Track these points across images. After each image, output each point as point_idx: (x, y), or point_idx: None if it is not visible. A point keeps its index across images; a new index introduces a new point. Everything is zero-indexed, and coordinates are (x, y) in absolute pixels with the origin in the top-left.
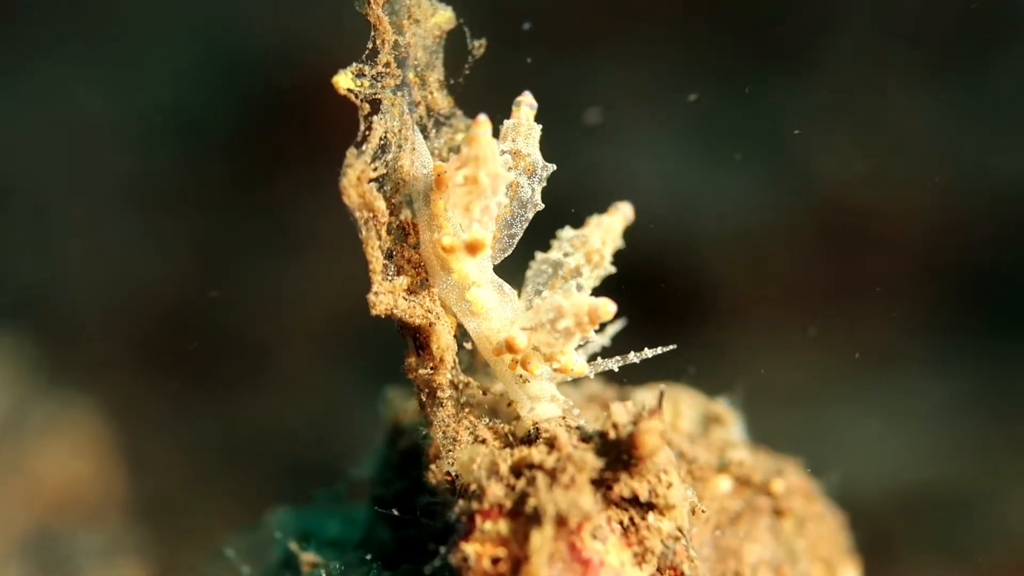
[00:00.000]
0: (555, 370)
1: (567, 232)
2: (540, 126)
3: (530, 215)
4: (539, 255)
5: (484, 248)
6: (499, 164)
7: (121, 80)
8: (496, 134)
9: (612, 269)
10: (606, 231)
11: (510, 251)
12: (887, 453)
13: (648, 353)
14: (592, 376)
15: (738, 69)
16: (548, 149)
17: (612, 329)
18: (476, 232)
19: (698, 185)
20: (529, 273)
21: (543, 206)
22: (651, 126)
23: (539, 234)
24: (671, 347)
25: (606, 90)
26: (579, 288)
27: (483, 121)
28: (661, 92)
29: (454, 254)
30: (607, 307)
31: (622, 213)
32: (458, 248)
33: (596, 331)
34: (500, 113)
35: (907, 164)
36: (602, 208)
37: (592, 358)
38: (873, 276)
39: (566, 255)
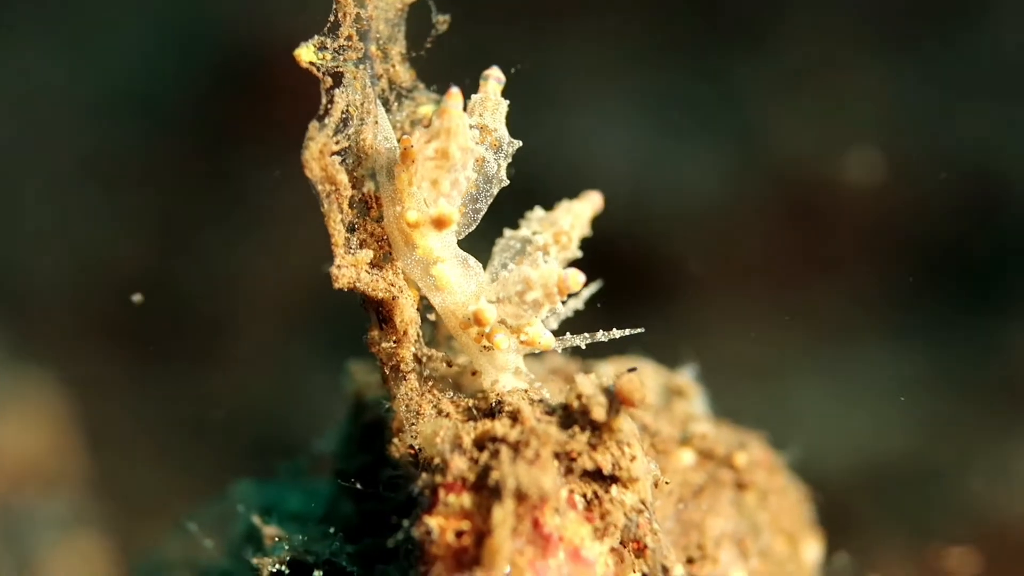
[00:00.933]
0: (522, 342)
1: (537, 212)
2: (507, 101)
3: (495, 191)
4: (508, 231)
5: (451, 223)
6: (469, 137)
7: (77, 55)
8: (464, 107)
9: (579, 253)
10: (575, 216)
11: (474, 226)
12: (849, 427)
13: (616, 333)
14: (560, 351)
15: (701, 44)
16: (512, 123)
17: (587, 292)
18: (443, 207)
19: (661, 160)
20: (496, 248)
21: (508, 182)
22: (614, 101)
23: (502, 209)
24: (639, 330)
25: (571, 64)
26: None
27: (455, 93)
28: (625, 67)
29: (419, 229)
30: (576, 277)
31: (591, 201)
32: (424, 223)
33: (564, 301)
34: (462, 86)
35: (868, 139)
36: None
37: (562, 329)
38: (833, 250)
39: (535, 233)
